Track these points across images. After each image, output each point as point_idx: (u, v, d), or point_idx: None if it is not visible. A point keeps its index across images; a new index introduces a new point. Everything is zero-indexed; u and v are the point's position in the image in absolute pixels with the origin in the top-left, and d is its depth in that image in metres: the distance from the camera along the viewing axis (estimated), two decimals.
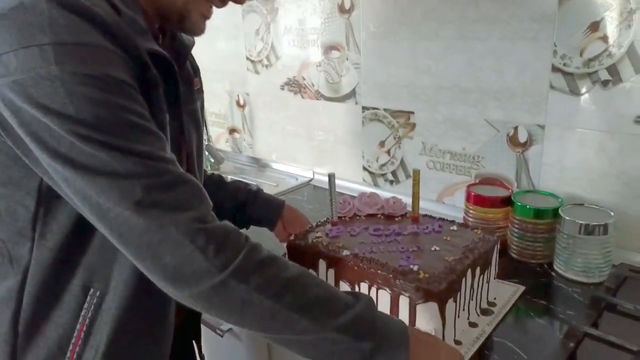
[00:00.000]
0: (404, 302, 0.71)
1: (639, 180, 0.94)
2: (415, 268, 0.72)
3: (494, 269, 0.84)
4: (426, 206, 1.20)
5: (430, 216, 0.92)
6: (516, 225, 1.00)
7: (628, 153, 0.94)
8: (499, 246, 0.84)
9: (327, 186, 0.90)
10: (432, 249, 0.79)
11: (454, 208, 1.21)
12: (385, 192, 1.34)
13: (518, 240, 1.00)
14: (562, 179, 1.03)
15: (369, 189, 1.37)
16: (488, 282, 0.82)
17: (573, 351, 0.70)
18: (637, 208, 0.95)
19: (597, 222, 0.89)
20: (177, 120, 0.70)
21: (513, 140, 1.09)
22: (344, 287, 0.79)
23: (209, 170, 1.04)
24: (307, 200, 1.40)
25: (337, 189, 0.91)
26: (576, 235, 0.90)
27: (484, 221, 1.04)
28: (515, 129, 1.08)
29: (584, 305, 0.83)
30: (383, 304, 0.74)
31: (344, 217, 0.93)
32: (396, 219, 0.92)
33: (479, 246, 0.79)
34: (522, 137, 1.07)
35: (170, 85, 0.64)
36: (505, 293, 0.87)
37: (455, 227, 0.87)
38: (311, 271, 0.81)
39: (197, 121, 0.77)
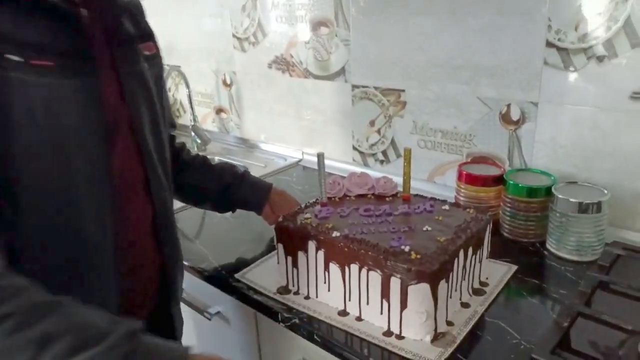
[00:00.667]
0: (395, 284, 0.69)
1: (633, 157, 0.92)
2: (407, 249, 0.71)
3: (486, 248, 0.82)
4: (417, 186, 1.18)
5: (422, 196, 0.91)
6: (508, 204, 0.98)
7: (622, 130, 0.92)
8: (491, 225, 0.82)
9: (316, 167, 0.88)
10: (424, 229, 0.77)
11: (445, 187, 1.19)
12: (375, 172, 1.31)
13: (510, 219, 0.99)
14: (555, 156, 1.02)
15: (359, 169, 1.35)
16: (480, 261, 0.81)
17: (566, 330, 0.69)
18: (630, 186, 0.94)
19: (590, 200, 0.87)
20: (105, 80, 0.64)
21: (506, 118, 1.07)
22: (334, 269, 0.77)
23: (194, 151, 1.01)
24: (296, 181, 1.37)
25: (327, 169, 0.89)
26: (569, 214, 0.89)
27: (475, 200, 1.02)
28: (508, 106, 1.06)
29: (576, 284, 0.82)
30: (374, 286, 0.72)
31: (334, 197, 0.91)
32: (387, 199, 0.90)
33: (472, 226, 0.78)
34: (515, 115, 1.05)
35: (75, 40, 0.60)
36: (498, 273, 0.86)
37: (447, 207, 0.85)
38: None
39: (145, 84, 0.72)
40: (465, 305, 0.77)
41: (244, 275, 0.90)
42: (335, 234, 0.77)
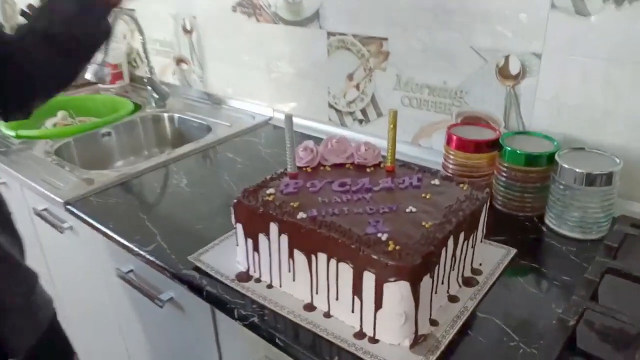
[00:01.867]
0: (368, 280, 0.58)
1: None
2: (384, 237, 0.59)
3: (481, 231, 0.71)
4: (400, 149, 1.03)
5: (409, 166, 0.78)
6: (504, 173, 0.87)
7: None
8: (488, 204, 0.71)
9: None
10: (408, 210, 0.65)
11: (432, 152, 1.07)
12: (353, 133, 1.19)
13: (505, 190, 0.87)
14: (559, 117, 0.89)
15: (335, 130, 1.22)
16: (474, 246, 0.70)
17: (573, 330, 0.59)
18: None
19: (600, 170, 0.76)
20: None
21: (503, 72, 0.93)
22: (299, 257, 0.65)
23: (152, 107, 0.83)
24: (264, 143, 1.23)
25: (300, 130, 0.76)
26: (574, 186, 0.78)
27: (466, 168, 0.90)
28: (506, 58, 0.92)
29: (581, 267, 0.72)
30: (344, 280, 0.61)
31: (306, 167, 0.78)
32: (368, 169, 0.77)
33: (465, 206, 0.66)
34: (514, 68, 0.92)
35: None
36: (493, 257, 0.74)
37: (437, 181, 0.72)
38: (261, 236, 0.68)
39: None
40: (453, 299, 0.66)
41: (199, 257, 0.78)
42: (301, 215, 0.64)
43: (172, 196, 1.00)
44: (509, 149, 0.85)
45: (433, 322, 0.62)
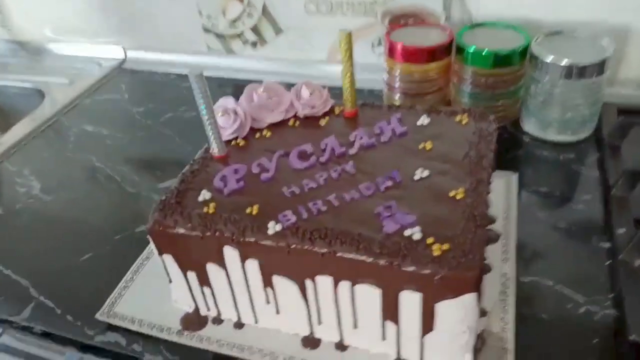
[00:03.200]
0: (410, 301, 0.41)
1: None
2: (417, 234, 0.41)
3: None
4: (314, 72, 0.87)
5: (371, 103, 0.59)
6: (469, 81, 0.72)
7: None
8: None
9: (152, 67, 0.58)
10: (417, 176, 0.47)
11: (357, 67, 0.87)
12: (246, 61, 0.95)
13: (471, 102, 0.74)
14: None
15: (220, 60, 0.96)
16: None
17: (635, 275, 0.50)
18: (615, 22, 0.72)
19: (590, 60, 0.64)
20: None
21: None
22: (283, 284, 0.45)
23: None
24: (130, 98, 0.93)
25: (170, 70, 0.52)
26: (560, 83, 0.66)
27: (419, 84, 0.74)
28: None
29: (594, 180, 0.64)
30: (367, 305, 0.43)
31: (235, 140, 0.55)
32: (321, 121, 0.57)
33: (483, 150, 0.50)
34: None
35: None
36: (496, 192, 0.61)
37: (425, 120, 0.55)
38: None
39: None
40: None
41: (111, 309, 0.54)
42: (273, 227, 0.43)
43: (27, 215, 0.70)
44: (474, 50, 0.69)
45: (482, 312, 0.48)
